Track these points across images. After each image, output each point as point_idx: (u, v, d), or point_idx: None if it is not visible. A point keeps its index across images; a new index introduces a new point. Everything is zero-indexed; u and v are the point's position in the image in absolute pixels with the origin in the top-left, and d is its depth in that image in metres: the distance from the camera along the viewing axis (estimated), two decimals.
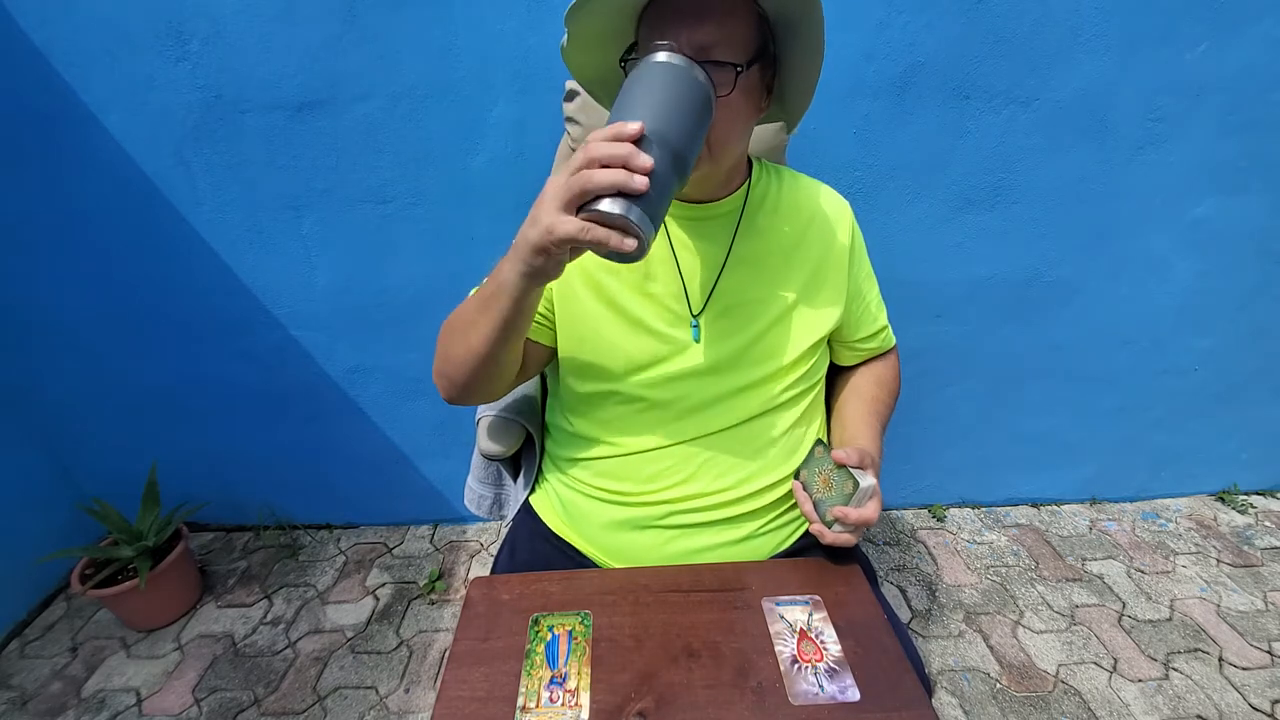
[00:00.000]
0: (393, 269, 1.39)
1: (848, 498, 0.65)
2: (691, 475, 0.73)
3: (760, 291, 0.74)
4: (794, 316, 0.75)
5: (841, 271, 0.77)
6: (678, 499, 0.73)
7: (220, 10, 1.13)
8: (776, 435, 0.75)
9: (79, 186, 1.30)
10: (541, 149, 1.20)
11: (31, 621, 1.50)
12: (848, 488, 0.65)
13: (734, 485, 0.73)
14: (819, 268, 0.76)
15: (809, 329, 0.75)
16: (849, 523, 0.65)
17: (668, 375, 0.73)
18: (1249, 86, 1.25)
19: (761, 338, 0.74)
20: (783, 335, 0.74)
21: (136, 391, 1.54)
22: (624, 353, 0.73)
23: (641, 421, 0.74)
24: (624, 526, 0.75)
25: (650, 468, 0.74)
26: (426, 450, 1.65)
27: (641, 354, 0.73)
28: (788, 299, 0.74)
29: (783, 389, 0.75)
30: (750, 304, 0.74)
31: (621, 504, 0.75)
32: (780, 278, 0.74)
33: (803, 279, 0.75)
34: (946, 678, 1.31)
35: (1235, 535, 1.66)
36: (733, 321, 0.74)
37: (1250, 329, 1.53)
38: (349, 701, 1.29)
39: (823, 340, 0.78)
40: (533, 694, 0.56)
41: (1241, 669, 1.30)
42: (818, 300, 0.76)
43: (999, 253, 1.40)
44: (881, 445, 0.80)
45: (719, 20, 0.59)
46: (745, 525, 0.75)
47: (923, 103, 1.23)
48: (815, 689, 0.56)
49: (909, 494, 1.77)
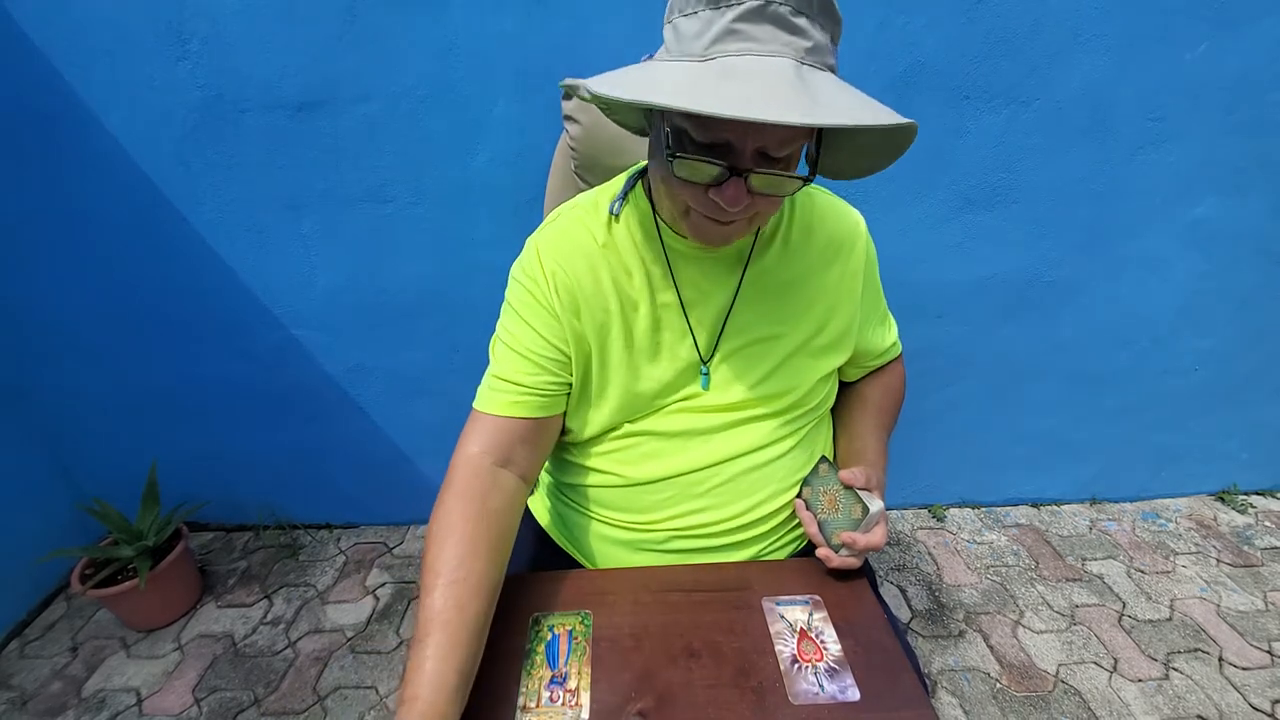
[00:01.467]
0: (393, 269, 1.39)
1: (855, 523, 0.64)
2: (695, 506, 0.71)
3: (770, 329, 0.70)
4: (804, 352, 0.71)
5: (855, 297, 0.73)
6: (681, 528, 0.71)
7: (220, 10, 1.13)
8: (783, 462, 0.72)
9: (79, 186, 1.30)
10: (541, 149, 1.20)
11: (31, 621, 1.50)
12: (856, 512, 0.64)
13: (738, 515, 0.71)
14: (831, 298, 0.71)
15: (818, 364, 0.72)
16: (856, 549, 0.63)
17: (672, 411, 0.70)
18: (1249, 86, 1.25)
19: (771, 375, 0.70)
20: (793, 373, 0.70)
21: (136, 391, 1.54)
22: (630, 409, 0.70)
23: (643, 452, 0.71)
24: (623, 547, 0.74)
25: (652, 498, 0.71)
26: (426, 450, 1.65)
27: (648, 403, 0.70)
28: (799, 335, 0.70)
29: (788, 420, 0.72)
30: (760, 343, 0.70)
31: (622, 528, 0.73)
32: (791, 313, 0.70)
33: (815, 312, 0.71)
34: (946, 678, 1.31)
35: (1235, 535, 1.66)
36: (743, 362, 0.70)
37: (1250, 329, 1.53)
38: (349, 701, 1.29)
39: (834, 372, 0.75)
40: (533, 694, 0.56)
41: (1241, 669, 1.30)
42: (829, 331, 0.71)
43: (999, 253, 1.40)
44: (886, 455, 0.79)
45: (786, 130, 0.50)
46: (748, 549, 0.73)
47: (923, 103, 1.23)
48: (815, 689, 0.56)
49: (909, 494, 1.77)
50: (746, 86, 0.45)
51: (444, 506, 0.63)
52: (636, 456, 0.71)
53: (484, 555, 0.59)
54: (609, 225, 0.68)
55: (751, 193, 0.53)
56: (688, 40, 0.50)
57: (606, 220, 0.68)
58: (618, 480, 0.72)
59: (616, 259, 0.67)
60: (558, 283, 0.66)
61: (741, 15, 0.47)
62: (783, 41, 0.47)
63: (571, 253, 0.67)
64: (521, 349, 0.67)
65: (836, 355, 0.73)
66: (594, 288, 0.66)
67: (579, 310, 0.66)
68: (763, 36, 0.47)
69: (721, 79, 0.46)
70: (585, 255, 0.67)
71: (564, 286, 0.66)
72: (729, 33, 0.47)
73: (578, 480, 0.75)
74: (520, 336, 0.67)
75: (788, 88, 0.45)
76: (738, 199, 0.53)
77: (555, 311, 0.66)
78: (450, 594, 0.55)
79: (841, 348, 0.73)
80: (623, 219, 0.68)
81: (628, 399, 0.69)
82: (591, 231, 0.68)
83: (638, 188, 0.70)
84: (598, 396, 0.70)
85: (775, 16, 0.47)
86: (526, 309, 0.68)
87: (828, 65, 0.50)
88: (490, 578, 0.59)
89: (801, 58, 0.47)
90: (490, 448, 0.66)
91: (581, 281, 0.66)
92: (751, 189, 0.53)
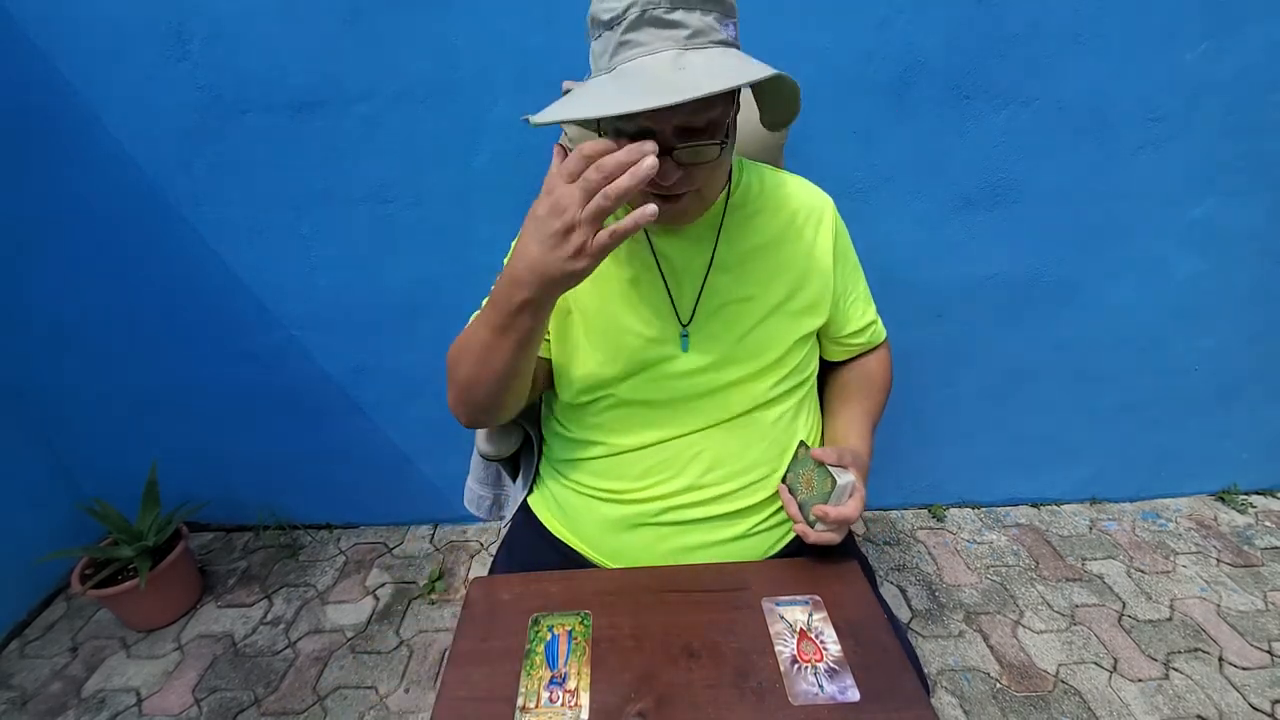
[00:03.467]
0: (393, 269, 1.39)
1: (827, 495, 0.65)
2: (684, 470, 0.73)
3: (745, 291, 0.74)
4: (780, 313, 0.75)
5: (826, 267, 0.77)
6: (671, 493, 0.73)
7: (220, 10, 1.13)
8: (768, 430, 0.75)
9: (79, 186, 1.30)
10: (541, 149, 1.20)
11: (31, 621, 1.50)
12: (827, 486, 0.65)
13: (726, 479, 0.73)
14: (803, 264, 0.76)
15: (795, 325, 0.76)
16: (829, 521, 0.65)
17: (657, 377, 0.74)
18: (1249, 86, 1.25)
19: (748, 335, 0.74)
20: (769, 332, 0.75)
21: (136, 391, 1.54)
22: (613, 365, 0.73)
23: (632, 421, 0.75)
24: (620, 525, 0.75)
25: (643, 464, 0.74)
26: (426, 450, 1.65)
27: (631, 365, 0.73)
28: (773, 297, 0.74)
29: (771, 385, 0.75)
30: (736, 304, 0.74)
31: (616, 501, 0.76)
32: (764, 276, 0.75)
33: (787, 276, 0.75)
34: (946, 678, 1.31)
35: (1235, 535, 1.66)
36: (720, 324, 0.74)
37: (1250, 329, 1.53)
38: (349, 701, 1.29)
39: (810, 335, 0.78)
40: (532, 694, 0.56)
41: (1241, 669, 1.30)
42: (803, 296, 0.76)
43: (999, 253, 1.40)
44: (872, 441, 0.81)
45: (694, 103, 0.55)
46: (740, 522, 0.75)
47: (923, 103, 1.23)
48: (815, 689, 0.56)
49: (909, 494, 1.77)
50: (634, 83, 0.54)
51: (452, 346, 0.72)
52: (625, 425, 0.75)
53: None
54: None
55: (682, 164, 0.60)
56: (598, 58, 0.60)
57: None
58: (609, 449, 0.76)
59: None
60: None
61: (627, 27, 0.56)
62: (663, 38, 0.56)
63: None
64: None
65: (812, 318, 0.77)
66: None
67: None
68: (646, 39, 0.56)
69: (617, 83, 0.56)
70: None
71: None
72: (622, 44, 0.57)
73: (572, 455, 0.79)
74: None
75: (666, 74, 0.54)
76: (668, 174, 0.60)
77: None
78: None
79: (817, 311, 0.77)
80: None
81: (610, 350, 0.73)
82: None
83: None
84: (583, 345, 0.74)
85: (653, 19, 0.55)
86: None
87: (718, 41, 0.58)
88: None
89: (683, 45, 0.56)
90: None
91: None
92: (681, 161, 0.60)
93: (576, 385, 0.76)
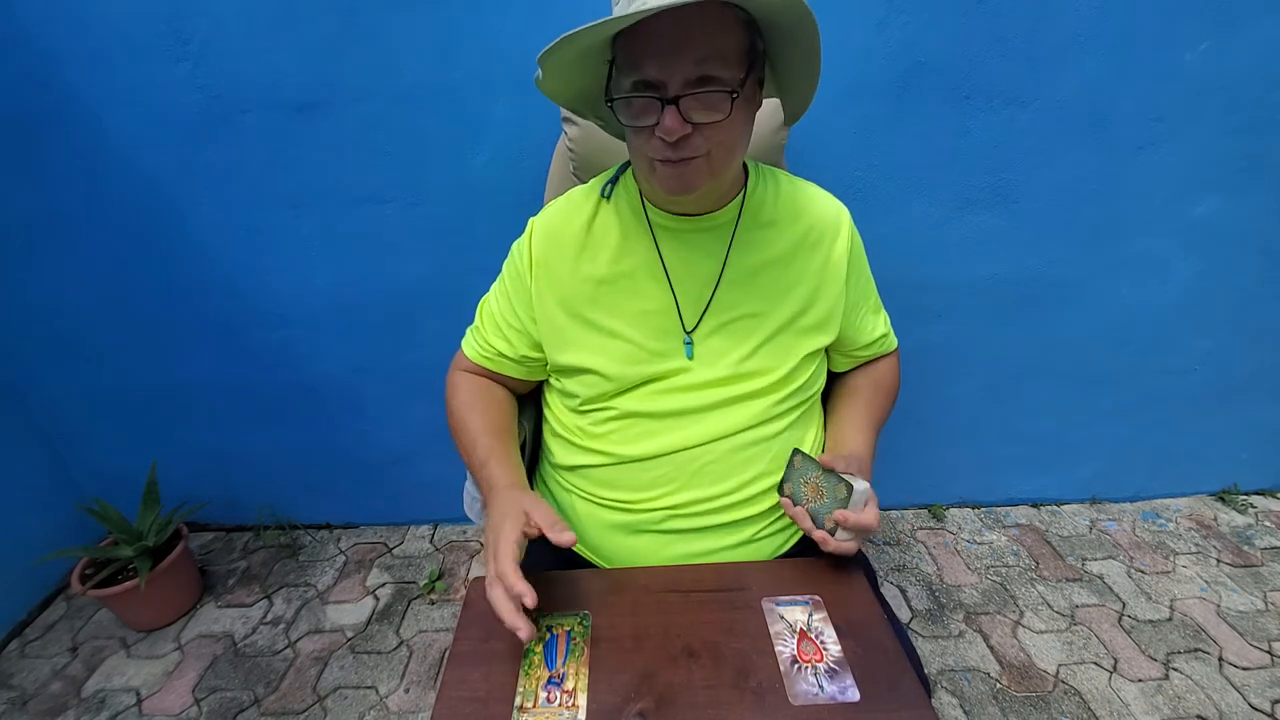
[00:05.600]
0: (393, 269, 1.39)
1: (843, 502, 0.64)
2: (688, 482, 0.73)
3: (756, 306, 0.72)
4: (790, 331, 0.73)
5: (839, 282, 0.75)
6: (676, 505, 0.73)
7: (220, 10, 1.13)
8: (773, 442, 0.74)
9: (79, 186, 1.30)
10: (541, 149, 1.20)
11: (31, 621, 1.50)
12: (841, 492, 0.64)
13: (731, 491, 0.73)
14: (815, 280, 0.74)
15: (804, 342, 0.74)
16: (849, 527, 0.63)
17: (661, 390, 0.73)
18: (1249, 86, 1.25)
19: (756, 352, 0.72)
20: (778, 350, 0.73)
21: (136, 391, 1.54)
22: (616, 376, 0.72)
23: (636, 432, 0.74)
24: (622, 530, 0.75)
25: (647, 475, 0.73)
26: (426, 450, 1.65)
27: (634, 375, 0.72)
28: (783, 314, 0.73)
29: (777, 401, 0.74)
30: (746, 319, 0.72)
31: (619, 509, 0.75)
32: (775, 292, 0.73)
33: (799, 292, 0.73)
34: (946, 678, 1.31)
35: (1235, 535, 1.66)
36: (728, 338, 0.72)
37: (1250, 329, 1.53)
38: (349, 701, 1.29)
39: (818, 352, 0.77)
40: (530, 694, 0.56)
41: (1241, 669, 1.30)
42: (814, 313, 0.74)
43: (999, 252, 1.40)
44: (874, 447, 0.80)
45: (703, 42, 0.56)
46: (744, 530, 0.74)
47: (923, 103, 1.23)
48: (815, 689, 0.55)
49: (909, 494, 1.77)
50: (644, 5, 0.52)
51: (456, 398, 0.83)
52: (630, 436, 0.74)
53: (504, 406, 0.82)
54: (599, 204, 0.76)
55: (691, 122, 0.58)
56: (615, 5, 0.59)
57: (598, 200, 0.76)
58: (614, 459, 0.75)
59: (604, 231, 0.74)
60: (537, 257, 0.75)
61: None
62: None
63: (561, 229, 0.75)
64: (495, 312, 0.80)
65: (821, 336, 0.76)
66: (574, 259, 0.74)
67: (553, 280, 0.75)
68: None
69: (627, 4, 0.55)
70: (573, 233, 0.75)
71: (541, 262, 0.75)
72: None
73: (577, 462, 0.78)
74: (496, 302, 0.81)
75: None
76: (675, 127, 0.57)
77: (529, 288, 0.76)
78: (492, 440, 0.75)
79: (826, 329, 0.76)
80: (613, 200, 0.76)
81: (615, 362, 0.73)
82: (583, 208, 0.76)
83: (628, 173, 0.77)
84: (588, 356, 0.74)
85: None
86: (509, 279, 0.79)
87: None
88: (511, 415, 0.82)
89: None
90: (473, 371, 0.84)
91: (565, 252, 0.74)
92: (689, 118, 0.58)
93: (580, 396, 0.75)
